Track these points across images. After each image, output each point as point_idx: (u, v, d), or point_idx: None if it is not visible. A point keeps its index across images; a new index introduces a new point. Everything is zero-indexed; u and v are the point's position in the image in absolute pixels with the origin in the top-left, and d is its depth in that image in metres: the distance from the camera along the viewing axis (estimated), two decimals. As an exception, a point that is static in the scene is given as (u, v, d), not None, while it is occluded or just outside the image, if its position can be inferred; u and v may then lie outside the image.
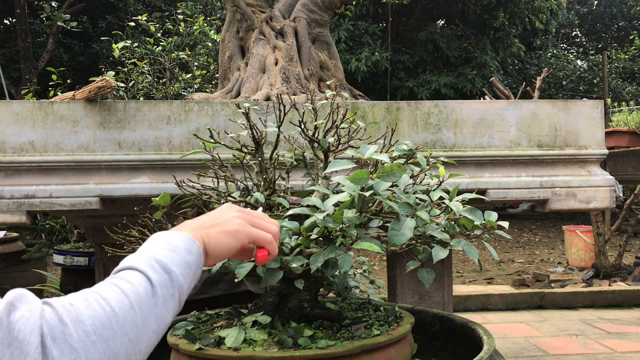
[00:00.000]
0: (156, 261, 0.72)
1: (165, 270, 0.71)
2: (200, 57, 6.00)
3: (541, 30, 13.85)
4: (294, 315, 1.42)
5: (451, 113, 2.13)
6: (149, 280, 0.69)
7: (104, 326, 0.62)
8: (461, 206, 1.27)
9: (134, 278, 0.68)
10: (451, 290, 2.43)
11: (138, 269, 0.70)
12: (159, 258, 0.72)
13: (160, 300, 0.69)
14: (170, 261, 0.73)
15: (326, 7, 2.89)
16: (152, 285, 0.69)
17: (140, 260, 0.71)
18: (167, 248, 0.75)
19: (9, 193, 1.92)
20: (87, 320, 0.61)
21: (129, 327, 0.64)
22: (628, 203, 5.80)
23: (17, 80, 11.76)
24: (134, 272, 0.69)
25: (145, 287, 0.68)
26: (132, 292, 0.66)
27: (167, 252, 0.74)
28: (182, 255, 0.75)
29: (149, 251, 0.74)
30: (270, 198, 1.49)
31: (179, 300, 0.73)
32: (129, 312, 0.64)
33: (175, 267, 0.73)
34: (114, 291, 0.65)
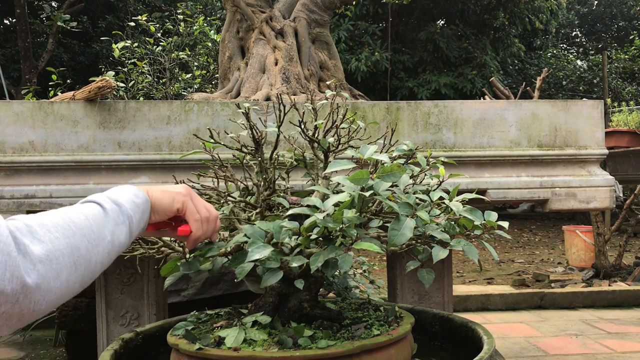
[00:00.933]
0: (107, 197, 0.88)
1: (115, 203, 0.87)
2: (200, 57, 6.00)
3: (541, 30, 13.85)
4: (294, 315, 1.42)
5: (451, 113, 2.13)
6: (101, 206, 0.85)
7: (64, 228, 0.74)
8: (461, 206, 1.27)
9: (88, 205, 0.84)
10: (451, 290, 2.43)
11: (91, 200, 0.86)
12: (110, 195, 0.89)
13: (111, 220, 0.84)
14: (120, 197, 0.89)
15: (326, 7, 2.89)
16: (104, 209, 0.84)
17: (97, 196, 0.88)
18: (117, 191, 0.91)
19: (9, 193, 1.92)
20: (48, 224, 0.72)
21: (86, 231, 0.77)
22: (628, 203, 5.80)
23: (17, 80, 11.76)
24: (88, 203, 0.85)
25: (98, 209, 0.83)
26: (87, 210, 0.81)
27: (117, 193, 0.91)
28: (130, 196, 0.92)
29: (107, 192, 0.90)
30: (270, 198, 1.49)
31: (129, 229, 0.88)
32: (84, 222, 0.78)
33: (125, 202, 0.89)
34: (73, 209, 0.80)
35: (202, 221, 1.05)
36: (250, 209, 1.50)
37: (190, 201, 1.03)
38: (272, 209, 1.51)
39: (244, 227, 1.27)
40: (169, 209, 1.00)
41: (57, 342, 3.84)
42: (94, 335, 2.25)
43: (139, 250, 1.39)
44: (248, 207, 1.51)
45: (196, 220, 1.04)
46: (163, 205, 0.99)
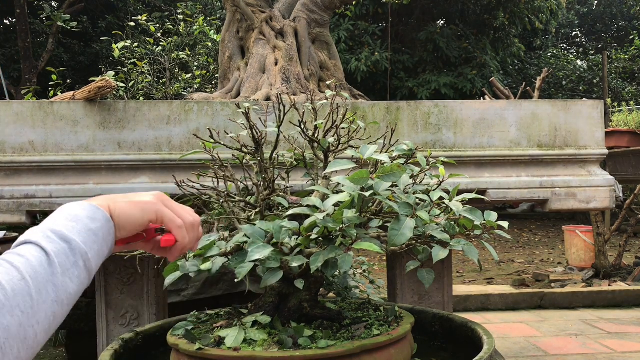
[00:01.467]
0: (52, 232, 0.70)
1: (63, 239, 0.70)
2: (200, 57, 6.00)
3: (541, 30, 13.85)
4: (294, 315, 1.42)
5: (451, 113, 2.13)
6: (44, 251, 0.68)
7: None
8: (461, 206, 1.27)
9: (26, 251, 0.67)
10: (451, 290, 2.43)
11: (32, 241, 0.68)
12: (55, 228, 0.71)
13: (58, 269, 0.68)
14: (68, 230, 0.71)
15: (326, 7, 2.89)
16: (48, 255, 0.67)
17: (35, 233, 0.70)
18: (67, 218, 0.73)
19: (9, 193, 1.92)
20: None
21: (20, 300, 0.62)
22: (628, 203, 5.80)
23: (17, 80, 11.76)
24: (27, 246, 0.68)
25: (39, 257, 0.67)
26: (24, 264, 0.65)
27: (66, 222, 0.73)
28: (84, 223, 0.74)
29: (46, 224, 0.72)
30: (270, 198, 1.49)
31: (85, 268, 0.71)
32: (18, 284, 0.63)
33: (76, 236, 0.71)
34: (2, 266, 0.64)
35: (187, 228, 0.88)
36: (250, 209, 1.50)
37: (164, 208, 0.86)
38: (272, 209, 1.51)
39: (244, 227, 1.27)
40: (139, 223, 0.83)
41: (57, 342, 3.84)
42: (94, 335, 2.25)
43: (139, 250, 1.39)
44: (248, 207, 1.51)
45: (179, 227, 0.87)
46: (131, 219, 0.82)
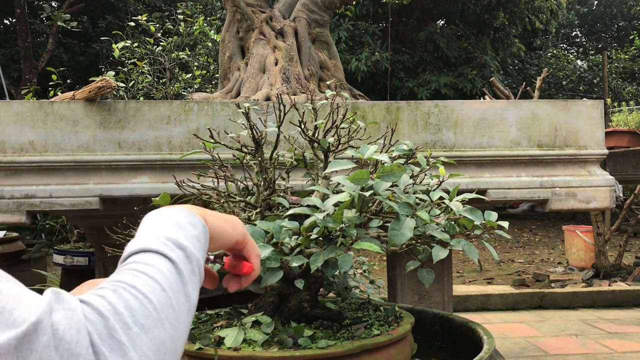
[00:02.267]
0: (167, 239, 0.66)
1: (179, 246, 0.66)
2: (200, 57, 6.00)
3: (541, 30, 13.85)
4: (294, 315, 1.42)
5: (451, 113, 2.13)
6: (169, 259, 0.64)
7: (143, 315, 0.57)
8: (461, 206, 1.27)
9: (154, 260, 0.63)
10: (451, 290, 2.43)
11: (153, 249, 0.64)
12: (168, 235, 0.67)
13: (185, 277, 0.64)
14: (180, 237, 0.67)
15: (326, 7, 2.89)
16: (174, 264, 0.64)
17: (150, 240, 0.66)
18: (172, 225, 0.69)
19: (9, 193, 1.92)
20: (124, 312, 0.56)
21: (167, 311, 0.60)
22: (628, 203, 5.80)
23: (17, 80, 11.76)
24: (150, 255, 0.64)
25: (167, 266, 0.63)
26: (159, 275, 0.61)
27: (174, 228, 0.69)
28: (188, 229, 0.70)
29: (155, 230, 0.68)
30: (270, 198, 1.49)
31: (199, 275, 0.68)
32: (162, 296, 0.60)
33: (187, 242, 0.68)
34: (139, 277, 0.60)
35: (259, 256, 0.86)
36: (250, 209, 1.50)
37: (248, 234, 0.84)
38: (272, 208, 1.51)
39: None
40: (229, 239, 0.79)
41: (57, 342, 3.83)
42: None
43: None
44: (248, 207, 1.51)
45: (258, 256, 0.84)
46: (224, 234, 0.78)
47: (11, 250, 4.66)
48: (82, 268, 3.52)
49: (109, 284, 0.59)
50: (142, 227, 0.71)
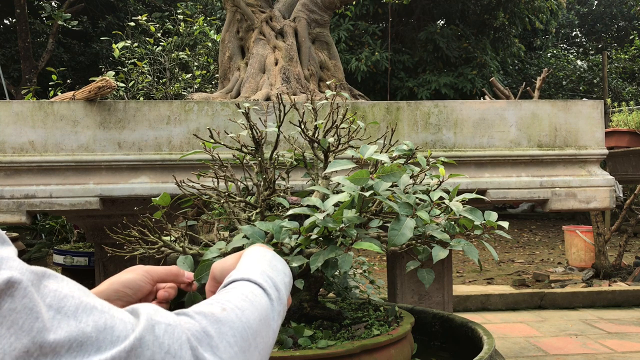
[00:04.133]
0: (269, 277, 0.72)
1: (276, 287, 0.72)
2: (200, 57, 6.00)
3: (541, 30, 13.86)
4: (294, 315, 1.42)
5: (451, 113, 2.13)
6: (267, 295, 0.69)
7: (243, 338, 0.61)
8: (461, 206, 1.27)
9: (256, 290, 0.68)
10: (451, 290, 2.44)
11: (257, 282, 0.70)
12: (270, 274, 0.73)
13: (276, 315, 0.69)
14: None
15: (326, 7, 2.89)
16: (271, 300, 0.69)
17: (255, 273, 0.71)
18: (271, 267, 0.75)
19: (9, 193, 1.92)
20: (228, 332, 0.60)
21: (260, 340, 0.64)
22: (628, 203, 5.80)
23: (17, 80, 11.76)
24: (254, 285, 0.69)
25: (266, 301, 0.68)
26: (259, 305, 0.66)
27: (272, 270, 0.75)
28: (282, 276, 0.76)
29: (258, 266, 0.74)
30: (270, 198, 1.49)
31: (283, 317, 0.72)
32: (259, 325, 0.64)
33: (282, 286, 0.74)
34: (245, 301, 0.65)
35: None
36: (250, 209, 1.50)
37: None
38: (272, 209, 1.51)
39: (243, 227, 1.27)
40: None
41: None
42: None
43: (139, 250, 1.39)
44: (248, 207, 1.51)
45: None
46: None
47: (11, 250, 4.65)
48: (82, 268, 3.52)
49: (219, 300, 0.64)
50: (246, 259, 0.77)
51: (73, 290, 0.53)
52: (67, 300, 0.52)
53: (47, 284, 0.52)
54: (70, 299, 0.52)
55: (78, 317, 0.51)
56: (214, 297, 0.65)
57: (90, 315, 0.52)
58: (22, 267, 0.50)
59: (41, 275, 0.52)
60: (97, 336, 0.51)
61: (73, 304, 0.52)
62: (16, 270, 0.49)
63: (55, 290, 0.52)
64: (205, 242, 1.43)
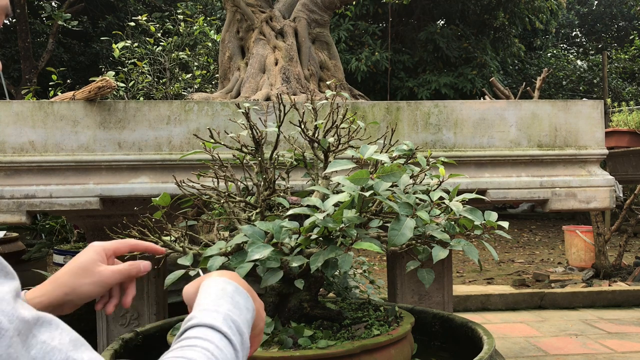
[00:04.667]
0: (232, 322, 0.69)
1: (239, 332, 0.69)
2: (200, 57, 5.99)
3: (541, 30, 13.86)
4: (294, 315, 1.42)
5: (451, 113, 2.13)
6: (232, 346, 0.66)
7: None
8: (461, 206, 1.27)
9: (221, 343, 0.65)
10: (451, 290, 2.44)
11: (221, 331, 0.66)
12: (233, 318, 0.69)
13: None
14: (241, 322, 0.70)
15: (326, 7, 2.89)
16: (236, 351, 0.66)
17: (218, 318, 0.68)
18: (234, 304, 0.72)
19: (9, 193, 1.92)
20: None
21: None
22: (628, 203, 5.80)
23: (17, 80, 11.76)
24: (217, 335, 0.66)
25: (230, 351, 0.65)
26: (220, 356, 0.63)
27: (235, 309, 0.71)
28: (244, 314, 0.72)
29: (219, 305, 0.70)
30: (270, 198, 1.49)
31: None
32: None
33: (245, 328, 0.70)
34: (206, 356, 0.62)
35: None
36: (250, 209, 1.50)
37: None
38: (272, 209, 1.51)
39: (243, 227, 1.27)
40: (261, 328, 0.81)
41: (57, 342, 3.83)
42: (94, 335, 2.25)
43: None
44: (248, 207, 1.51)
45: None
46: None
47: (11, 250, 4.66)
48: (82, 268, 3.51)
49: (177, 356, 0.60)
50: (206, 294, 0.72)
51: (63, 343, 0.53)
52: (53, 354, 0.51)
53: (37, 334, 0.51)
54: (56, 354, 0.51)
55: None
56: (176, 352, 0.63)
57: None
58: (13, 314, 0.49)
59: (33, 323, 0.51)
60: None
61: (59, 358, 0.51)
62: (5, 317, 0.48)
63: (43, 342, 0.51)
64: (205, 242, 1.43)
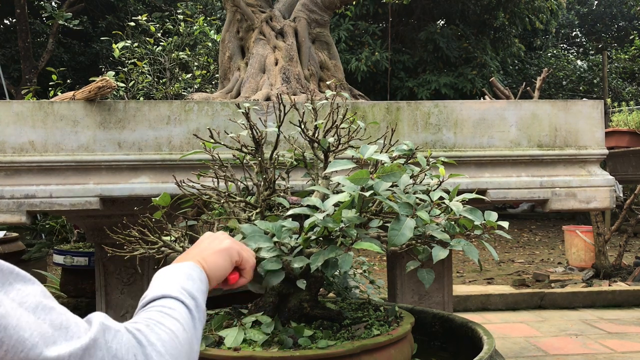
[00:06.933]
0: (184, 289, 0.79)
1: (192, 297, 0.79)
2: (200, 57, 5.99)
3: (541, 30, 13.85)
4: (294, 315, 1.42)
5: (451, 113, 2.13)
6: (186, 306, 0.76)
7: (172, 347, 0.69)
8: (461, 206, 1.27)
9: (174, 305, 0.75)
10: (451, 290, 2.44)
11: (174, 296, 0.77)
12: (185, 286, 0.80)
13: (197, 323, 0.77)
14: (193, 289, 0.81)
15: (326, 7, 2.89)
16: (189, 310, 0.76)
17: (172, 288, 0.78)
18: (187, 277, 0.82)
19: (9, 193, 1.92)
20: (157, 342, 0.67)
21: (187, 348, 0.72)
22: (628, 203, 5.80)
23: (17, 80, 11.76)
24: (172, 300, 0.76)
25: (186, 312, 0.75)
26: (180, 317, 0.74)
27: (188, 281, 0.82)
28: (198, 283, 0.83)
29: (174, 280, 0.81)
30: (270, 198, 1.49)
31: (203, 321, 0.80)
32: (183, 334, 0.72)
33: (198, 294, 0.81)
34: (166, 317, 0.72)
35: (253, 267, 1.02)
36: (250, 209, 1.50)
37: (242, 249, 0.99)
38: (272, 209, 1.51)
39: (243, 226, 1.27)
40: (228, 269, 0.95)
41: (57, 342, 3.83)
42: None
43: (139, 250, 1.39)
44: (248, 207, 1.51)
45: (252, 267, 1.00)
46: (222, 269, 0.93)
47: (11, 250, 4.66)
48: (82, 268, 3.52)
49: (142, 319, 0.71)
50: (159, 277, 0.83)
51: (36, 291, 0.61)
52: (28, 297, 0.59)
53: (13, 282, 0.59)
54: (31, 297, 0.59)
55: (37, 313, 0.58)
56: (139, 317, 0.73)
57: (48, 314, 0.59)
58: None
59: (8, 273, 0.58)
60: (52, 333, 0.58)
61: (33, 301, 0.59)
62: None
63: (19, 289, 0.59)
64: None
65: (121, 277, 2.23)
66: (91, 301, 3.30)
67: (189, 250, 0.94)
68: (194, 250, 0.93)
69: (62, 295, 3.54)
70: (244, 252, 0.98)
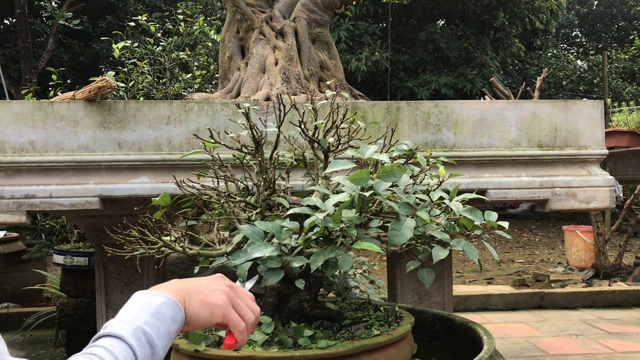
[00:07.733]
0: (143, 333, 0.73)
1: (150, 344, 0.73)
2: (200, 57, 5.99)
3: (541, 30, 13.84)
4: (294, 315, 1.42)
5: (451, 113, 2.13)
6: (135, 356, 0.70)
7: None
8: (461, 206, 1.27)
9: (119, 350, 0.70)
10: (451, 290, 2.44)
11: (126, 340, 0.71)
12: (145, 329, 0.73)
13: None
14: (155, 333, 0.74)
15: (326, 7, 2.89)
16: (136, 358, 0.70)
17: (128, 329, 0.72)
18: (154, 315, 0.75)
19: (9, 193, 1.92)
20: None
21: None
22: (628, 203, 5.80)
23: (17, 80, 11.76)
24: (121, 343, 0.70)
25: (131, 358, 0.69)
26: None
27: (154, 320, 0.75)
28: (167, 324, 0.76)
29: (136, 318, 0.74)
30: (270, 198, 1.49)
31: None
32: None
33: (159, 340, 0.74)
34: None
35: (248, 327, 0.90)
36: (250, 209, 1.50)
37: (232, 311, 0.88)
38: (272, 209, 1.51)
39: (243, 227, 1.27)
40: (206, 323, 0.85)
41: (57, 342, 3.84)
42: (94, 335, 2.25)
43: (139, 250, 1.39)
44: (248, 207, 1.51)
45: (241, 331, 0.88)
46: (200, 320, 0.84)
47: (11, 250, 4.66)
48: (82, 268, 3.52)
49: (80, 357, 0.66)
50: (131, 303, 0.77)
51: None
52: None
53: None
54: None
55: None
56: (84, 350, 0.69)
57: None
58: None
59: None
60: None
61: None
62: None
63: None
64: (206, 242, 1.43)
65: (121, 277, 2.23)
66: (91, 301, 3.30)
67: (184, 280, 0.88)
68: (187, 284, 0.86)
69: (62, 295, 3.54)
70: (232, 316, 0.87)
